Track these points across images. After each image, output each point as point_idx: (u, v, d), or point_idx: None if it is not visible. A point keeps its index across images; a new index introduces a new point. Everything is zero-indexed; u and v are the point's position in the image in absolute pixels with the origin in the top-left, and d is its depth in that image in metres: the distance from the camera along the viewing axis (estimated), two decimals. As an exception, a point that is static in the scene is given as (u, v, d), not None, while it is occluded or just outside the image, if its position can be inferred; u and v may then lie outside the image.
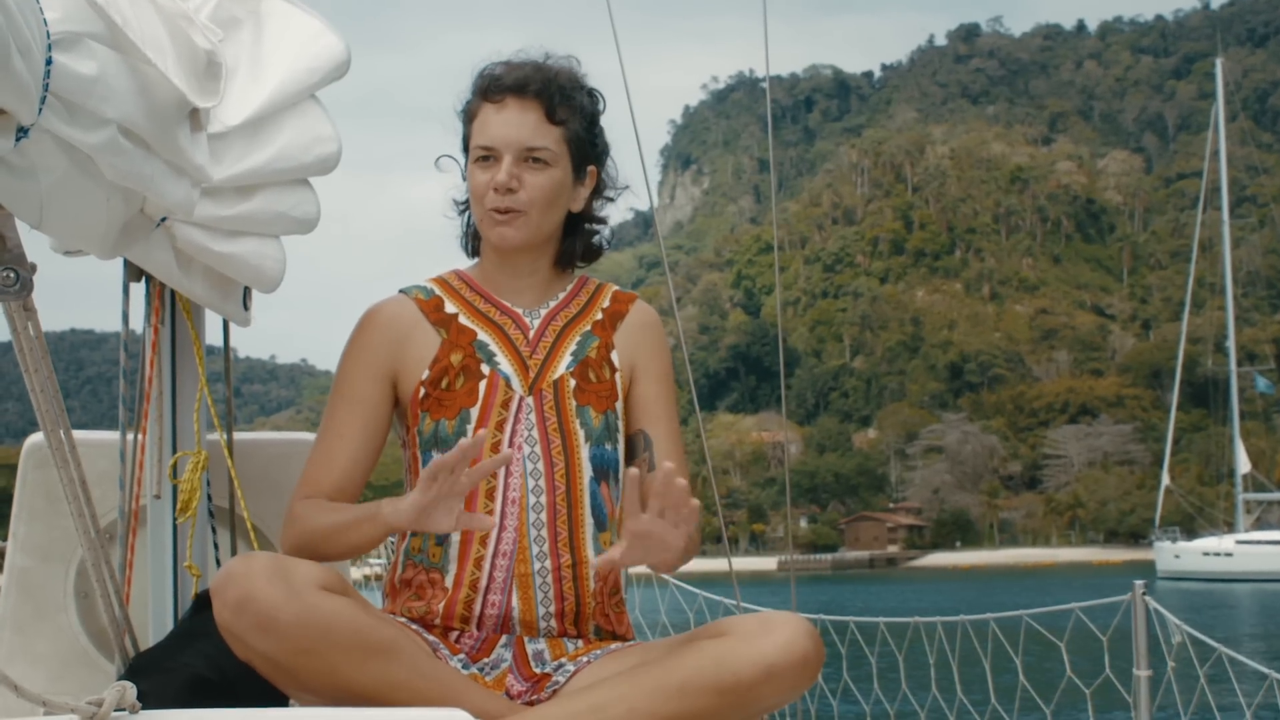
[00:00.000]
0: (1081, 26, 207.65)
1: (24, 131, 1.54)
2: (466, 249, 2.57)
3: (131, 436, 2.75)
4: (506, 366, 2.42)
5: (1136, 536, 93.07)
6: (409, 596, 2.39)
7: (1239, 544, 57.79)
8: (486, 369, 2.41)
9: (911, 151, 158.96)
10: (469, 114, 2.45)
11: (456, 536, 2.37)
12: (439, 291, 2.49)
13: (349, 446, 2.40)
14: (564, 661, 2.33)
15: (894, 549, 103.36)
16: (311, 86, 2.48)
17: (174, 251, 2.38)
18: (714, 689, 2.10)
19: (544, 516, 2.36)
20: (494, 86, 2.41)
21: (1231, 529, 61.99)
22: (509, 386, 2.41)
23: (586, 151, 2.46)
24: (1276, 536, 57.84)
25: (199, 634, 2.32)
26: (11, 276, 1.72)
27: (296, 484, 2.44)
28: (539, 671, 2.32)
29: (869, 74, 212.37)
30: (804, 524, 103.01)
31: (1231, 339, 61.46)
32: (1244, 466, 62.03)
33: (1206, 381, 77.84)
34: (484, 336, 2.44)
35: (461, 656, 2.32)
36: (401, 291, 2.51)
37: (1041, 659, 6.01)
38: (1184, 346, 60.52)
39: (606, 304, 2.54)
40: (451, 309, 2.47)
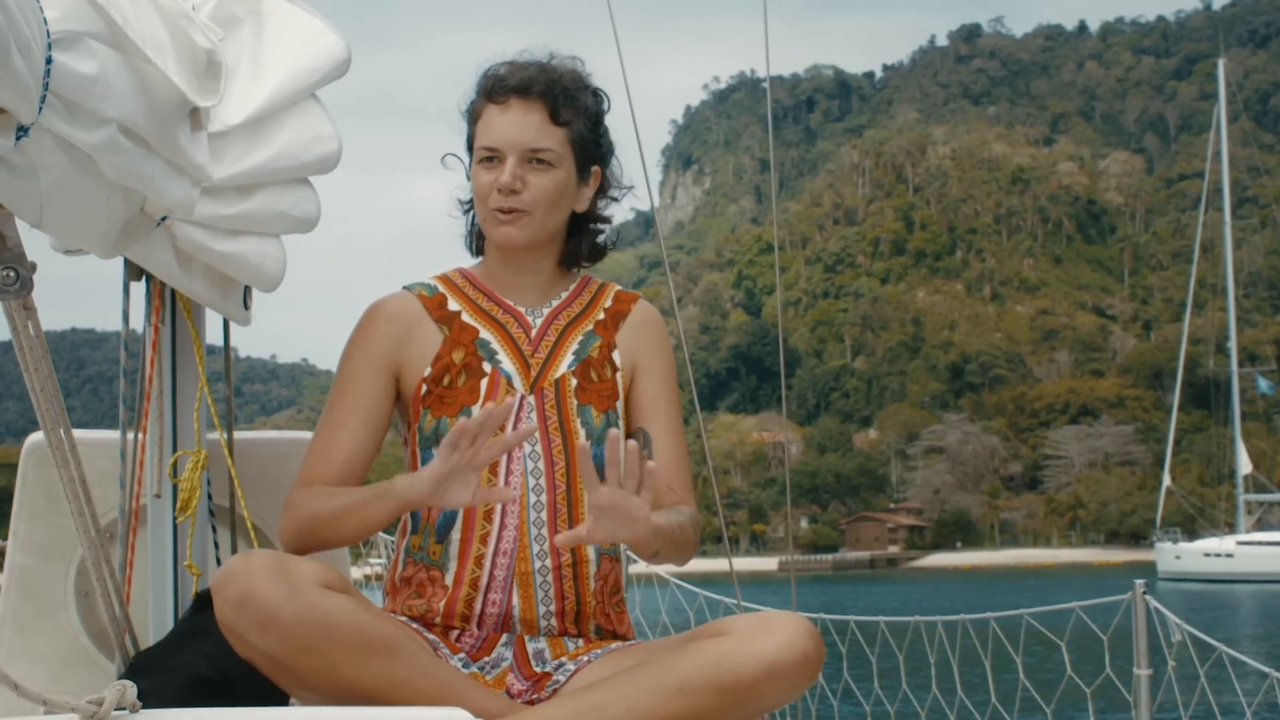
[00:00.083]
0: (1083, 27, 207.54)
1: (24, 130, 1.54)
2: (471, 248, 2.57)
3: (132, 435, 2.75)
4: (508, 365, 2.42)
5: (1137, 537, 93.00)
6: (409, 595, 2.39)
7: (1240, 545, 57.77)
8: (488, 367, 2.42)
9: (913, 152, 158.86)
10: (473, 114, 2.46)
11: (457, 534, 2.37)
12: (443, 289, 2.50)
13: (350, 437, 2.39)
14: (564, 661, 2.33)
15: (895, 549, 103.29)
16: (312, 85, 2.48)
17: (174, 250, 2.38)
18: (714, 688, 2.10)
19: (544, 515, 2.37)
20: (498, 87, 2.41)
21: (1232, 530, 62.00)
22: (510, 385, 2.41)
23: (591, 152, 2.46)
24: (1277, 538, 57.80)
25: (199, 633, 2.33)
26: (11, 275, 1.72)
27: (296, 476, 2.43)
28: (539, 670, 2.32)
29: (870, 74, 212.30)
30: (805, 524, 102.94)
31: (1233, 340, 61.44)
32: (1245, 467, 62.02)
33: (1208, 382, 77.84)
34: (486, 335, 2.44)
35: (462, 655, 2.32)
36: (405, 288, 2.51)
37: (1042, 659, 6.01)
38: (1185, 347, 60.42)
39: (609, 304, 2.54)
40: (455, 306, 2.47)
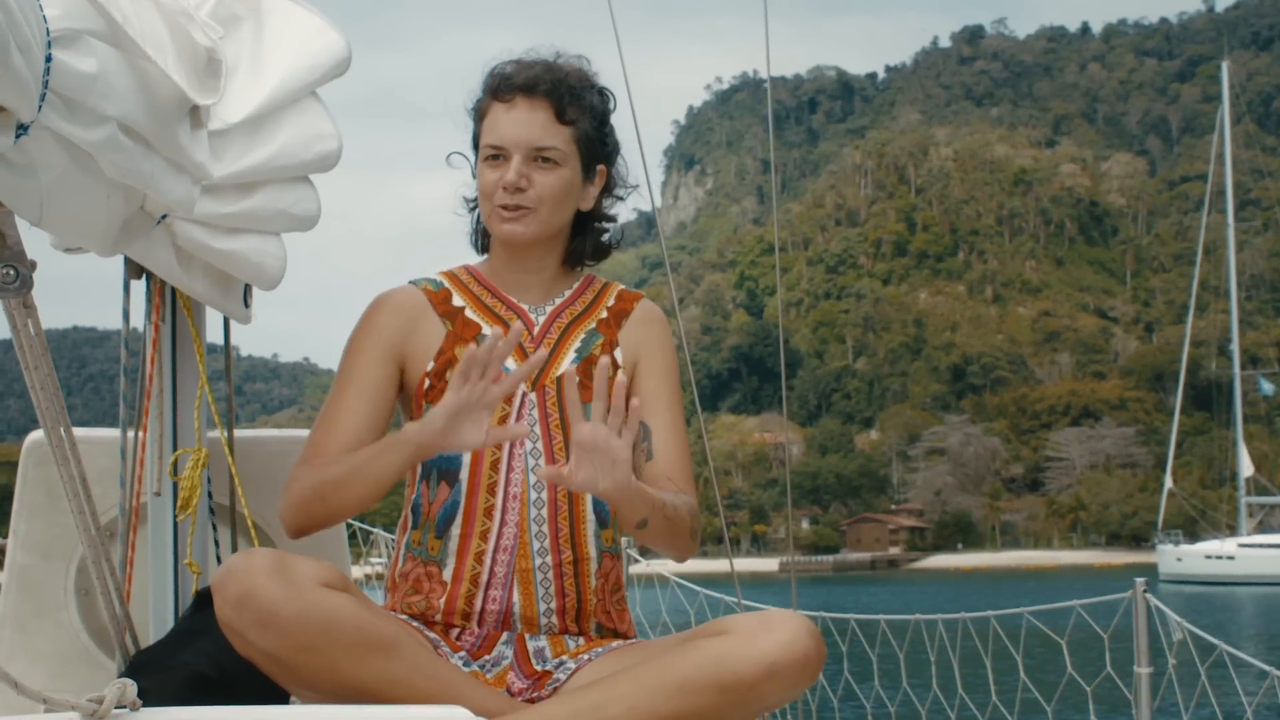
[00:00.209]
0: (1085, 29, 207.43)
1: (24, 129, 1.54)
2: (476, 246, 2.58)
3: (132, 434, 2.75)
4: (510, 362, 2.42)
5: (1138, 539, 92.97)
6: (407, 591, 2.39)
7: (1241, 547, 57.74)
8: None
9: (915, 153, 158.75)
10: (479, 112, 2.46)
11: (457, 530, 2.37)
12: (447, 285, 2.50)
13: (354, 419, 2.38)
14: (565, 659, 2.33)
15: (895, 551, 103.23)
16: (312, 84, 2.48)
17: (174, 249, 2.39)
18: (715, 687, 2.11)
19: (545, 512, 2.37)
20: (504, 85, 2.42)
21: (1234, 532, 61.97)
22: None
23: (596, 151, 2.46)
24: (1279, 540, 57.78)
25: (199, 631, 2.33)
26: (11, 274, 1.72)
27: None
28: (540, 669, 2.32)
29: (873, 75, 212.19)
30: (805, 525, 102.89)
31: (1235, 342, 61.36)
32: (1247, 470, 61.96)
33: (1209, 385, 77.83)
34: (489, 331, 2.44)
35: (462, 654, 2.32)
36: (411, 282, 2.52)
37: (1043, 657, 6.01)
38: (1187, 350, 60.37)
39: (612, 302, 2.55)
40: (459, 302, 2.48)
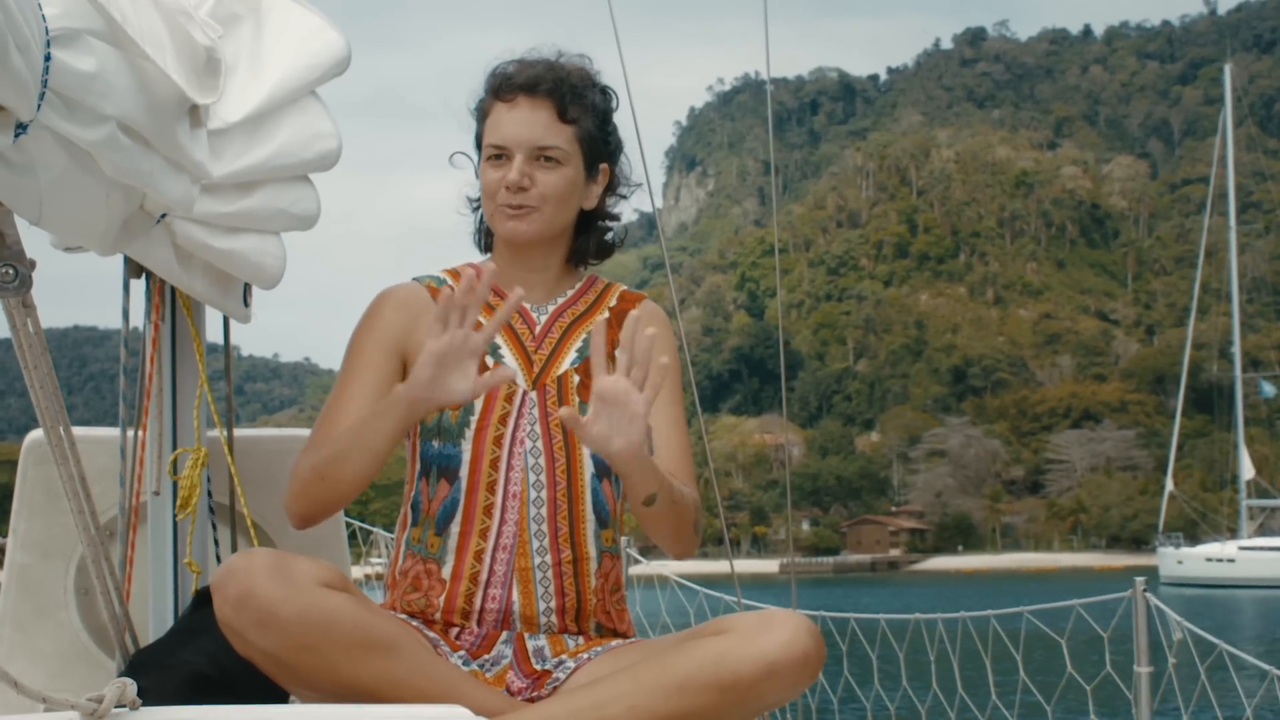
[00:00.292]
0: (1088, 31, 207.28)
1: (23, 128, 1.55)
2: (479, 245, 2.58)
3: (132, 433, 2.75)
4: (511, 360, 2.43)
5: (1139, 542, 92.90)
6: (406, 588, 2.40)
7: (1242, 550, 57.74)
8: (491, 361, 2.42)
9: (916, 155, 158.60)
10: (482, 112, 2.47)
11: (456, 528, 2.37)
12: (450, 282, 2.50)
13: (356, 413, 2.37)
14: (564, 658, 2.33)
15: (896, 553, 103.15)
16: (312, 83, 2.48)
17: (174, 248, 2.39)
18: (715, 686, 2.11)
19: (544, 511, 2.37)
20: (506, 85, 2.42)
21: (1234, 535, 61.96)
22: (513, 380, 2.41)
23: (599, 150, 2.47)
24: (1279, 543, 57.77)
25: (199, 630, 2.33)
26: (11, 273, 1.72)
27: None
28: (539, 668, 2.32)
29: (874, 77, 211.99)
30: (806, 527, 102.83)
31: (1237, 345, 61.32)
32: (1248, 472, 61.92)
33: (1210, 387, 77.79)
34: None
35: (462, 653, 2.32)
36: (415, 279, 2.52)
37: (1043, 658, 6.01)
38: (1189, 352, 60.33)
39: (614, 303, 2.55)
40: None
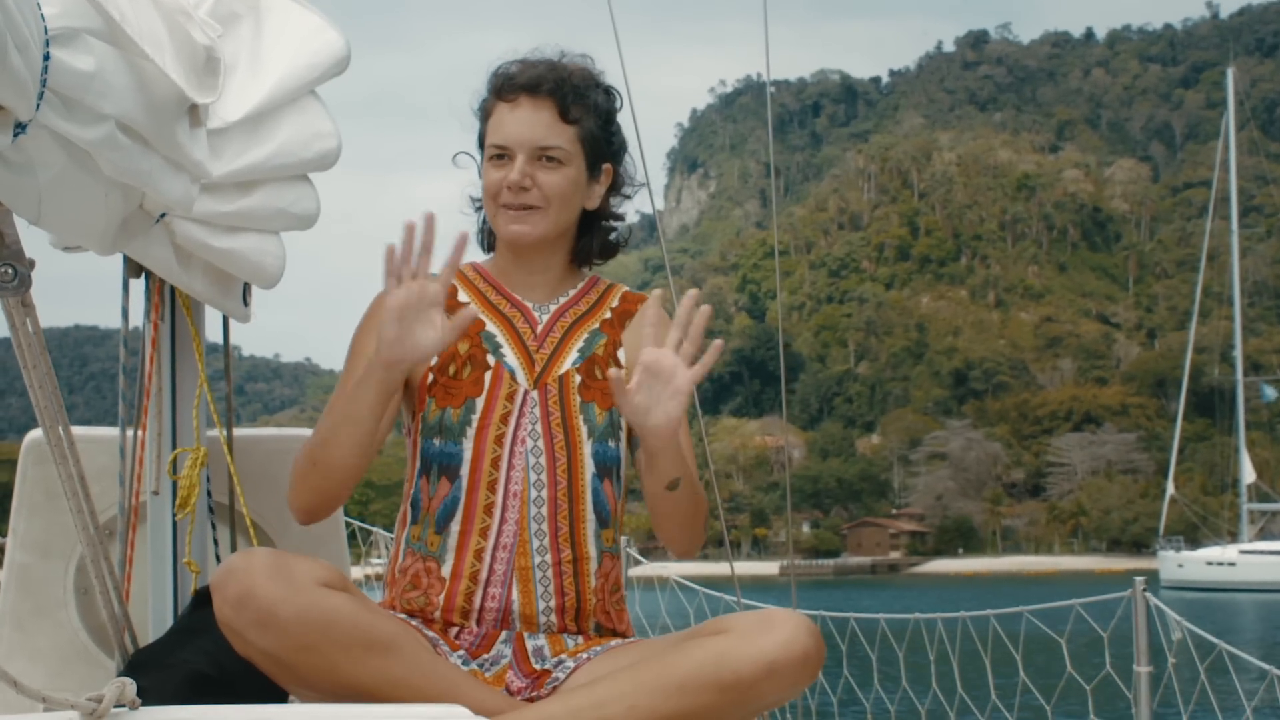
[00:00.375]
0: (1090, 34, 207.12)
1: (22, 127, 1.55)
2: (482, 245, 2.58)
3: (131, 432, 2.75)
4: (512, 359, 2.43)
5: (1139, 545, 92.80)
6: (405, 586, 2.40)
7: (1242, 554, 57.67)
8: (492, 360, 2.43)
9: (918, 157, 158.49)
10: (485, 112, 2.47)
11: (456, 526, 2.37)
12: (453, 281, 2.50)
13: None
14: (564, 658, 2.33)
15: (896, 555, 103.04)
16: (311, 82, 2.48)
17: (173, 247, 2.39)
18: (715, 686, 2.12)
19: (545, 510, 2.37)
20: (508, 85, 2.43)
21: (1235, 539, 61.88)
22: (514, 379, 2.42)
23: (601, 149, 2.47)
24: (1280, 547, 57.75)
25: (198, 630, 2.33)
26: (10, 272, 1.72)
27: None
28: (539, 668, 2.32)
29: (877, 79, 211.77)
30: (806, 529, 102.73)
31: (1239, 349, 61.25)
32: (1249, 476, 61.85)
33: (1211, 391, 77.60)
34: (492, 327, 2.46)
35: (461, 653, 2.33)
36: None
37: (1043, 658, 6.00)
38: (1190, 356, 60.25)
39: (616, 303, 2.56)
40: (464, 298, 2.49)
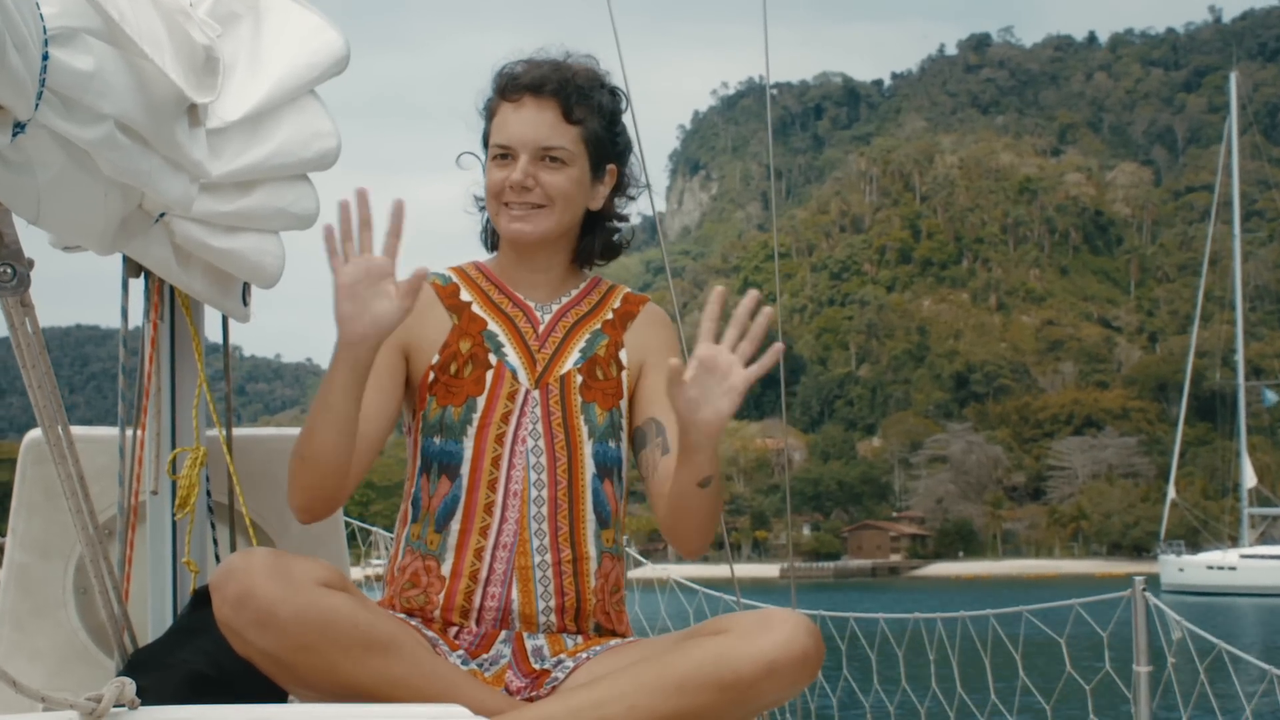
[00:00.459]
0: (1092, 38, 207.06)
1: (21, 127, 1.55)
2: (486, 244, 2.59)
3: (131, 432, 2.75)
4: (514, 359, 2.44)
5: (1140, 549, 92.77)
6: (405, 584, 2.40)
7: (1243, 558, 57.62)
8: (494, 359, 2.43)
9: (920, 160, 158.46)
10: (489, 111, 2.48)
11: (456, 525, 2.37)
12: (455, 279, 2.52)
13: None
14: (563, 658, 2.34)
15: (897, 558, 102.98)
16: (311, 82, 2.49)
17: (173, 247, 2.39)
18: (714, 685, 2.12)
19: (545, 510, 2.37)
20: (512, 85, 2.43)
21: (1236, 543, 61.81)
22: (515, 379, 2.42)
23: (606, 150, 2.47)
24: (1281, 551, 57.70)
25: (198, 630, 2.34)
26: (9, 272, 1.72)
27: None
28: (538, 668, 2.33)
29: (879, 82, 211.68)
30: (807, 531, 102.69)
31: (1240, 353, 61.23)
32: (1250, 481, 61.78)
33: (1213, 395, 77.55)
34: (494, 327, 2.46)
35: (460, 653, 2.33)
36: None
37: (1043, 661, 6.00)
38: (1192, 360, 60.20)
39: (618, 304, 2.56)
40: (466, 297, 2.49)
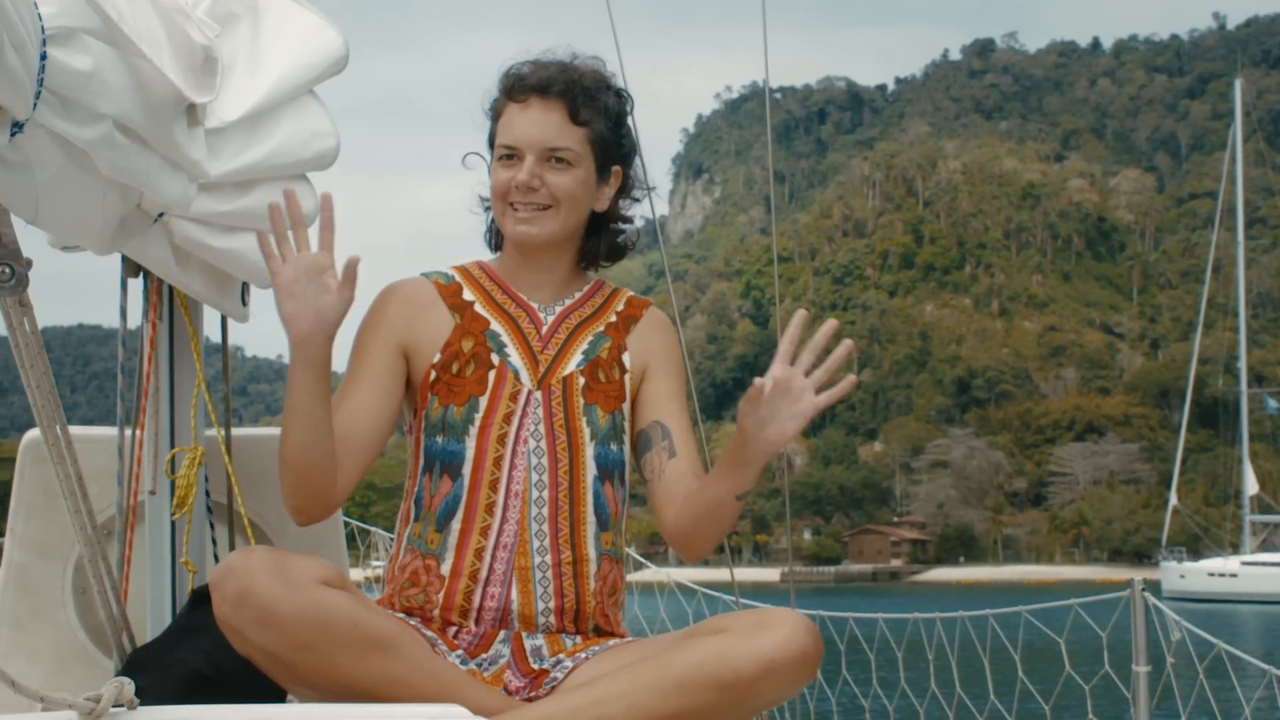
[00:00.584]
0: (1096, 44, 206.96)
1: (19, 126, 1.55)
2: (489, 244, 2.59)
3: (130, 432, 2.75)
4: (516, 359, 2.44)
5: (1140, 556, 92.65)
6: (405, 583, 2.40)
7: (1244, 565, 57.59)
8: (496, 359, 2.43)
9: (923, 165, 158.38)
10: (495, 112, 2.48)
11: (457, 524, 2.37)
12: (459, 278, 2.51)
13: (354, 400, 2.37)
14: (562, 658, 2.34)
15: (897, 563, 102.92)
16: (310, 82, 2.49)
17: (171, 247, 2.39)
18: (714, 685, 2.12)
19: (545, 511, 2.37)
20: (519, 85, 2.43)
21: (1237, 550, 61.80)
22: (518, 379, 2.42)
23: (611, 152, 2.47)
24: (1282, 558, 57.66)
25: (196, 630, 2.34)
26: (7, 272, 1.72)
27: None
28: (537, 668, 2.33)
29: (882, 87, 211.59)
30: (807, 536, 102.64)
31: (1243, 360, 61.20)
32: (1251, 488, 61.74)
33: (1215, 402, 77.48)
34: (497, 326, 2.46)
35: (460, 652, 2.33)
36: (423, 274, 2.53)
37: (1043, 664, 6.00)
38: (1194, 367, 60.16)
39: (621, 307, 2.56)
40: (469, 296, 2.49)
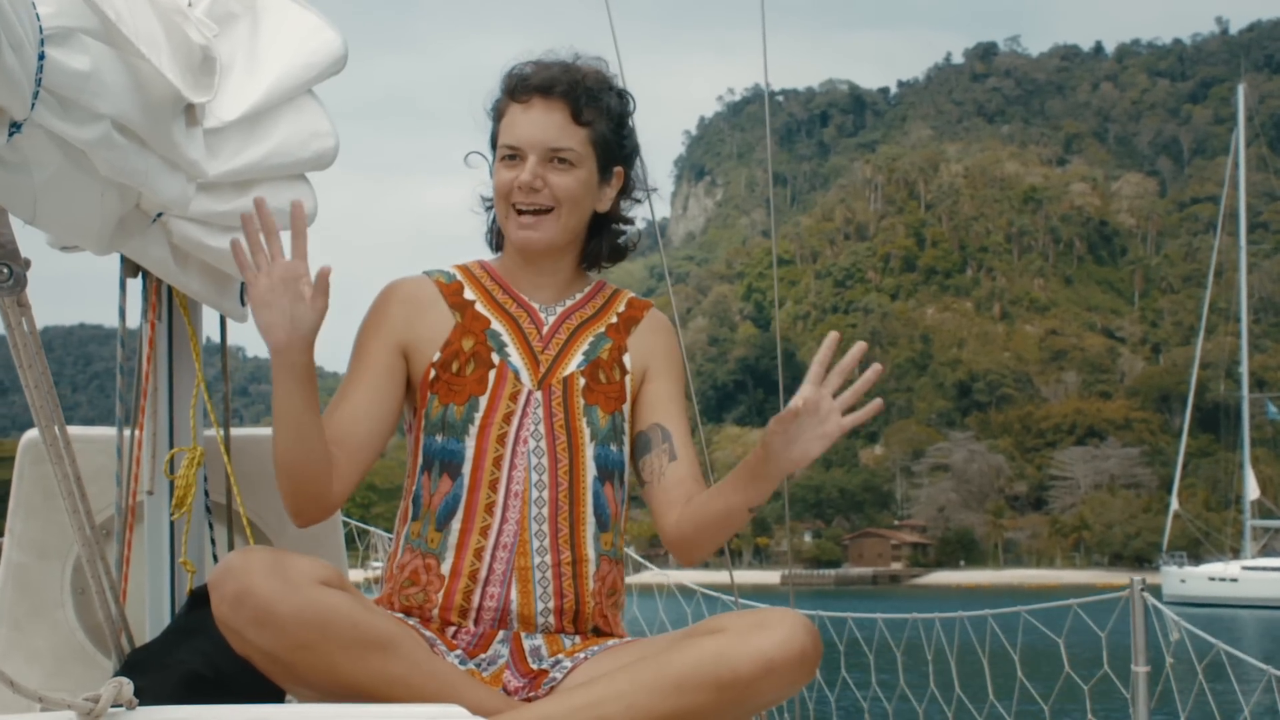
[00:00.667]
0: (1099, 48, 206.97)
1: (17, 126, 1.55)
2: (491, 244, 2.59)
3: (128, 432, 2.75)
4: (517, 359, 2.44)
5: (1142, 560, 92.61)
6: (404, 582, 2.40)
7: (1245, 570, 57.60)
8: (497, 359, 2.43)
9: (925, 169, 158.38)
10: (497, 112, 2.48)
11: (457, 524, 2.37)
12: (460, 277, 2.52)
13: (352, 400, 2.38)
14: (561, 658, 2.34)
15: (897, 566, 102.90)
16: (308, 81, 2.49)
17: (170, 247, 2.39)
18: (712, 684, 2.12)
19: (545, 511, 2.38)
20: (521, 86, 2.43)
21: (1238, 555, 61.79)
22: (518, 379, 2.42)
23: (613, 152, 2.48)
24: (1283, 563, 57.65)
25: (195, 630, 2.34)
26: (5, 272, 1.72)
27: None
28: (536, 668, 2.33)
29: (885, 90, 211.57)
30: (808, 539, 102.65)
31: (1244, 365, 61.20)
32: (1252, 493, 61.72)
33: (1216, 407, 77.49)
34: (497, 326, 2.46)
35: (459, 652, 2.33)
36: (424, 273, 2.53)
37: (1040, 660, 6.00)
38: (1196, 371, 60.15)
39: (622, 309, 2.56)
40: (470, 295, 2.49)
